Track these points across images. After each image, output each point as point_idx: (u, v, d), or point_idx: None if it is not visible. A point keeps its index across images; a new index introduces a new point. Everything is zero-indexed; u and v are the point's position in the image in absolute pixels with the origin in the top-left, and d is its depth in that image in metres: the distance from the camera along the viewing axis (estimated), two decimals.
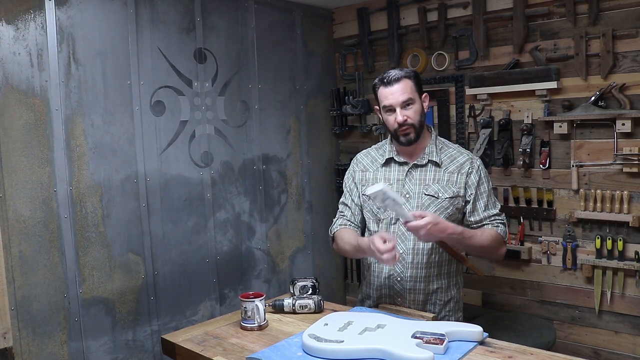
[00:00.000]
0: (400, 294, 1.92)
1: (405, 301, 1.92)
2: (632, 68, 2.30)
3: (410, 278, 1.89)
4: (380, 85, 1.86)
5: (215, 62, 2.65)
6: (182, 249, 2.55)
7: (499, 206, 1.95)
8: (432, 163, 1.91)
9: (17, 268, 2.01)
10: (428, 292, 1.92)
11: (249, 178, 2.84)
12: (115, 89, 2.29)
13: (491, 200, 1.93)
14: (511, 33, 2.60)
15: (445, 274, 1.94)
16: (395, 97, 1.82)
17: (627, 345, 2.45)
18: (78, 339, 2.18)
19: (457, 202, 1.89)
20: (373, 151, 2.05)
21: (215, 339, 1.65)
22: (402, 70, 1.87)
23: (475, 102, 2.78)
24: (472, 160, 1.93)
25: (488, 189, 1.93)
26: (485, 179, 1.92)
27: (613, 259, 2.40)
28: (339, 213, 2.07)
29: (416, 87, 1.86)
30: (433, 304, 1.93)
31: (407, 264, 1.89)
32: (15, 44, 1.99)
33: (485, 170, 1.96)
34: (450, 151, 1.95)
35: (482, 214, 1.90)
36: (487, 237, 1.85)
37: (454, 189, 1.88)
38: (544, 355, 1.41)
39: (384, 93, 1.85)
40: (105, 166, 2.26)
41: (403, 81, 1.83)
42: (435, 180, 1.89)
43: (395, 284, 1.92)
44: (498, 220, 1.92)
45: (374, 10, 3.10)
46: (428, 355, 1.33)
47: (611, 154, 2.38)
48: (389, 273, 1.92)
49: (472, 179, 1.90)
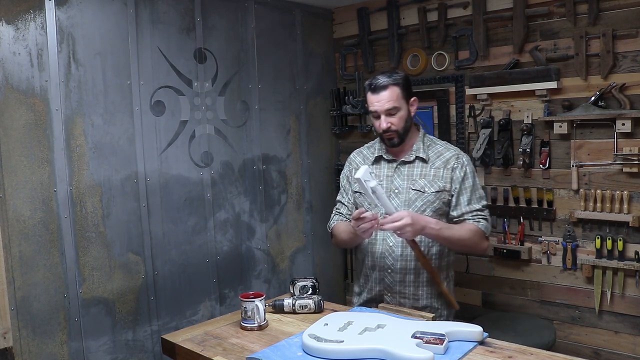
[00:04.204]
0: (390, 287, 1.99)
1: (396, 295, 1.98)
2: (632, 68, 2.30)
3: (400, 270, 1.96)
4: (369, 90, 1.95)
5: (215, 62, 2.65)
6: (182, 249, 2.55)
7: (484, 202, 2.00)
8: (419, 159, 1.99)
9: (17, 268, 2.01)
10: (418, 284, 1.98)
11: (249, 178, 2.84)
12: (115, 89, 2.29)
13: (475, 196, 1.98)
14: (511, 33, 2.60)
15: (435, 268, 1.98)
16: (381, 105, 1.91)
17: (627, 345, 2.45)
18: (78, 339, 2.18)
19: (443, 196, 1.96)
20: (365, 150, 2.15)
21: (215, 339, 1.65)
22: (391, 76, 1.92)
23: (475, 102, 2.78)
24: (459, 156, 2.00)
25: (473, 185, 1.98)
26: (470, 174, 1.99)
27: (613, 259, 2.40)
28: (335, 210, 2.18)
29: (403, 93, 1.93)
30: (423, 297, 1.98)
31: (397, 256, 1.97)
32: (15, 44, 1.99)
33: (472, 166, 2.02)
34: (438, 147, 2.03)
35: (464, 209, 1.96)
36: (466, 232, 1.91)
37: (440, 184, 1.95)
38: (544, 355, 1.41)
39: (371, 99, 1.94)
40: (105, 166, 2.26)
41: (390, 89, 1.90)
42: (422, 176, 1.97)
43: (385, 277, 1.99)
44: (480, 215, 1.97)
45: (374, 10, 3.10)
46: (428, 355, 1.33)
47: (611, 154, 2.38)
48: (380, 264, 1.99)
49: (457, 174, 1.97)
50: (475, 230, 1.93)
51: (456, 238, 1.89)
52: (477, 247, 1.97)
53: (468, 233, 1.91)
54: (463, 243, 1.93)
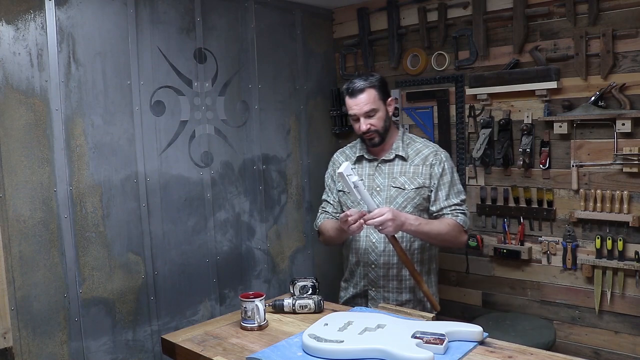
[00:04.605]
0: (374, 281, 2.08)
1: (380, 290, 2.07)
2: (632, 68, 2.30)
3: (384, 265, 2.05)
4: (346, 94, 2.02)
5: (215, 62, 2.65)
6: (182, 249, 2.55)
7: (462, 197, 2.07)
8: (399, 157, 2.07)
9: (17, 268, 2.01)
10: (400, 278, 2.05)
11: (249, 178, 2.84)
12: (115, 89, 2.29)
13: (453, 191, 2.05)
14: (511, 33, 2.60)
15: (417, 262, 2.08)
16: (360, 108, 1.98)
17: (627, 345, 2.45)
18: (78, 339, 2.18)
19: (423, 192, 2.03)
20: (347, 149, 2.22)
21: (215, 339, 1.65)
22: (367, 80, 1.99)
23: (475, 102, 2.78)
24: (437, 152, 2.07)
25: (451, 180, 2.06)
26: (448, 170, 2.06)
27: (613, 259, 2.40)
28: (321, 208, 2.25)
29: (380, 95, 2.00)
30: (406, 291, 2.05)
31: (380, 252, 2.05)
32: (15, 44, 1.99)
33: (450, 162, 2.10)
34: (417, 145, 2.10)
35: (443, 204, 2.04)
36: (445, 226, 1.98)
37: (419, 180, 2.03)
38: (544, 355, 1.41)
39: (349, 103, 2.01)
40: (105, 166, 2.26)
41: (367, 92, 1.97)
42: (402, 173, 2.05)
43: (369, 272, 2.08)
44: (458, 210, 2.04)
45: (374, 10, 3.10)
46: (428, 355, 1.33)
47: (611, 154, 2.38)
48: (364, 260, 2.08)
49: (435, 170, 2.03)
50: (454, 224, 2.00)
51: (435, 232, 1.96)
52: (456, 240, 2.04)
53: (446, 227, 1.98)
54: (442, 237, 2.00)
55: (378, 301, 2.06)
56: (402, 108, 3.08)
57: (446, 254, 2.99)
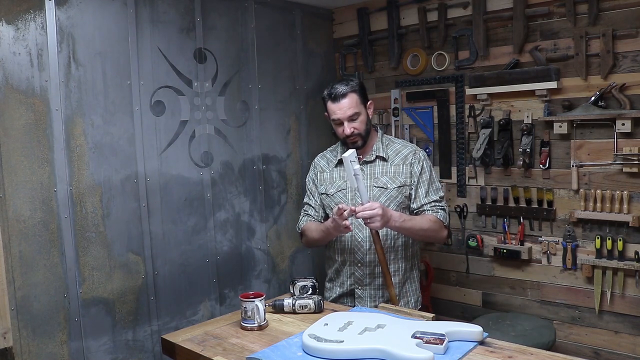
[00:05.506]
0: (361, 280, 2.12)
1: (366, 287, 2.11)
2: (632, 68, 2.30)
3: (370, 263, 2.09)
4: (328, 99, 2.07)
5: (215, 62, 2.65)
6: (182, 249, 2.55)
7: (440, 194, 2.15)
8: (380, 158, 2.13)
9: (17, 268, 2.01)
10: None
11: (249, 178, 2.84)
12: (115, 89, 2.29)
13: (432, 188, 2.13)
14: (511, 33, 2.60)
15: (402, 258, 2.13)
16: (343, 112, 2.03)
17: (627, 345, 2.45)
18: (78, 339, 2.18)
19: (404, 190, 2.10)
20: (328, 153, 2.28)
21: (215, 339, 1.65)
22: (348, 84, 2.04)
23: (475, 102, 2.79)
24: (416, 152, 2.14)
25: (429, 178, 2.13)
26: (427, 168, 2.13)
27: (613, 259, 2.40)
28: (303, 212, 2.28)
29: (361, 99, 2.08)
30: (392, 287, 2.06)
31: (365, 250, 2.09)
32: (15, 44, 1.99)
33: (428, 161, 2.17)
34: (396, 146, 2.17)
35: (423, 200, 2.10)
36: (427, 222, 2.05)
37: (400, 179, 2.09)
38: (544, 355, 1.41)
39: (332, 108, 2.05)
40: (105, 166, 2.26)
41: (349, 96, 2.03)
42: (384, 173, 2.11)
43: (355, 271, 2.12)
44: (438, 206, 2.11)
45: (374, 10, 3.10)
46: (428, 355, 1.33)
47: (611, 154, 2.38)
48: (350, 259, 2.12)
49: (415, 169, 2.11)
50: (435, 220, 2.07)
51: (417, 228, 2.02)
52: (437, 235, 2.10)
53: (428, 223, 2.04)
54: (424, 233, 2.06)
55: (364, 299, 2.11)
56: (402, 108, 3.08)
57: (446, 254, 2.99)
